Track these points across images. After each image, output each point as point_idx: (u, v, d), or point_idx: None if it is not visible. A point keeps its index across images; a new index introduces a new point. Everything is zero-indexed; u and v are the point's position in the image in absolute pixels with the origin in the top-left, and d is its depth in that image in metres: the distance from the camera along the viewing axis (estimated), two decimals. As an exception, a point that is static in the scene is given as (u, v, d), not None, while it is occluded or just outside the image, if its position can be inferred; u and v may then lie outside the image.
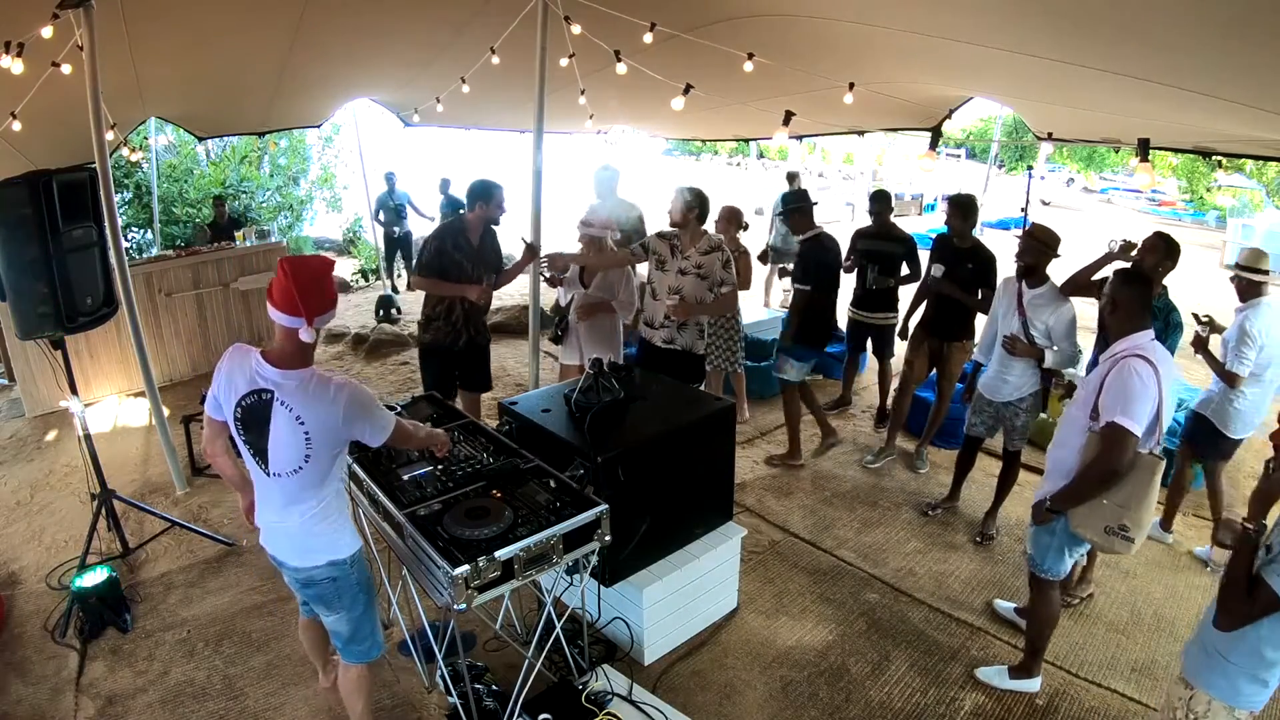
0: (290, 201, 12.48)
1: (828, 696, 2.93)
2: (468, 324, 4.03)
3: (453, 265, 3.89)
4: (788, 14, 3.87)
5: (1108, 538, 2.49)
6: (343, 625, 2.32)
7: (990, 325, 3.88)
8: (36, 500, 4.44)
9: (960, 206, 4.39)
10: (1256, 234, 13.97)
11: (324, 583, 2.24)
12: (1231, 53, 2.61)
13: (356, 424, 2.06)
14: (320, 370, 2.06)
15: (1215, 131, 3.85)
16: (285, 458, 2.05)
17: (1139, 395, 2.38)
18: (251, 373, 2.02)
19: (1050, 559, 2.74)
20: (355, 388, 2.06)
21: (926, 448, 4.86)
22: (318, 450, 2.05)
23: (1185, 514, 4.31)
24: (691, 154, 33.61)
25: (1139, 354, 2.44)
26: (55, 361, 3.54)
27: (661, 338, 4.15)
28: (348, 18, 4.61)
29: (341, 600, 2.27)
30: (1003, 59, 3.42)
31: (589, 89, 5.11)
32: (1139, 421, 2.38)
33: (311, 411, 2.00)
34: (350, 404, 2.02)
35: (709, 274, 4.04)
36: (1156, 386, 2.40)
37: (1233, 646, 1.92)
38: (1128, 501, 2.44)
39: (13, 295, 3.26)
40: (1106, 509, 2.47)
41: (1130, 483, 2.43)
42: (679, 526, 3.12)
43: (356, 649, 2.38)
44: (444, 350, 4.05)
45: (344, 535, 2.23)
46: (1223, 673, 1.95)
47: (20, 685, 2.97)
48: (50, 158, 4.84)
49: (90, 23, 3.56)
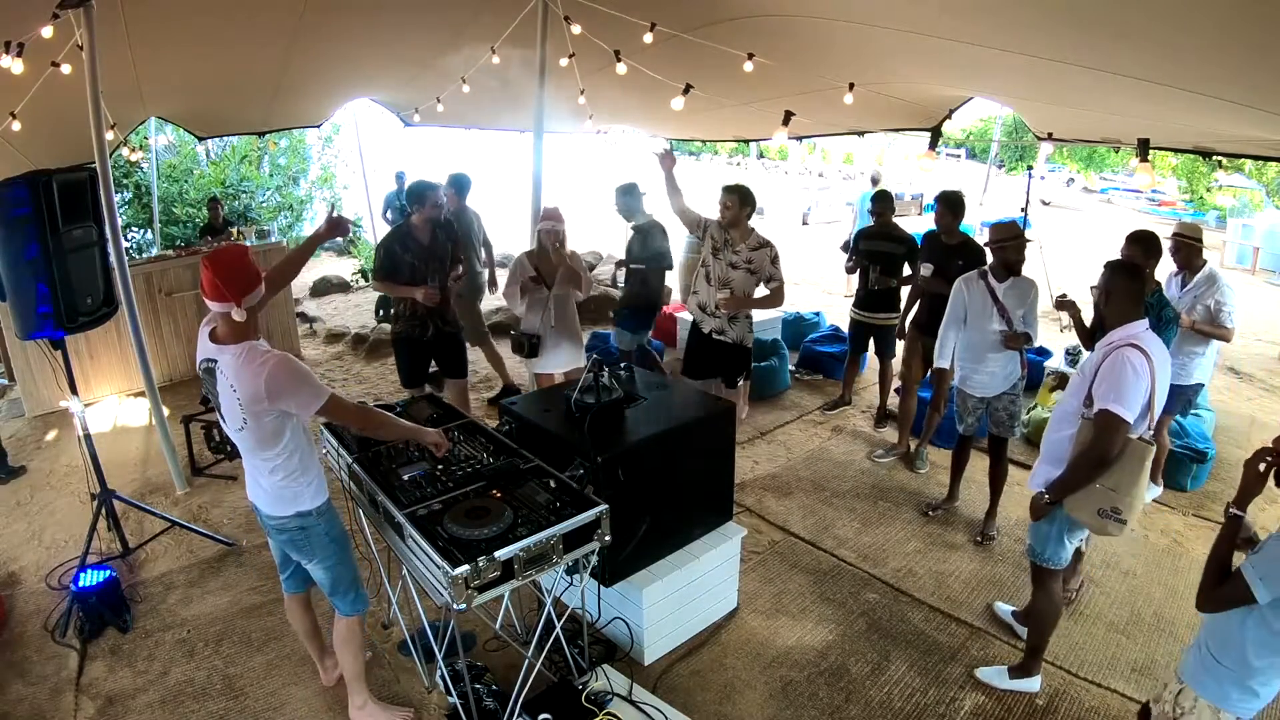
0: (290, 201, 12.47)
1: (828, 696, 2.93)
2: (431, 316, 4.27)
3: (403, 266, 4.15)
4: (788, 14, 3.88)
5: (1100, 520, 2.55)
6: (321, 574, 2.53)
7: (952, 327, 3.92)
8: (36, 500, 4.45)
9: (948, 203, 4.39)
10: (1256, 234, 13.96)
11: (294, 531, 2.44)
12: (1231, 53, 2.61)
13: (283, 395, 2.19)
14: (258, 345, 2.23)
15: (1215, 131, 3.85)
16: (229, 420, 2.30)
17: (1132, 384, 2.44)
18: (204, 346, 2.31)
19: (1051, 547, 2.76)
20: (282, 362, 2.19)
21: (926, 447, 4.86)
22: (250, 415, 2.22)
23: (1185, 514, 4.31)
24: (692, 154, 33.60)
25: (1133, 343, 2.50)
26: (55, 361, 3.54)
27: (712, 326, 4.27)
28: (348, 17, 4.61)
29: (313, 548, 2.47)
30: (1003, 59, 3.42)
31: (589, 89, 5.11)
32: (1131, 409, 2.44)
33: (241, 381, 2.20)
34: (272, 377, 2.16)
35: (759, 269, 4.14)
36: (1149, 375, 2.46)
37: (1222, 648, 1.95)
38: (1119, 485, 2.50)
39: (13, 295, 3.27)
40: (1099, 492, 2.53)
41: (1121, 467, 2.49)
42: (679, 526, 3.12)
43: (340, 601, 2.56)
44: (413, 340, 4.33)
45: (306, 491, 2.41)
46: (1213, 675, 1.97)
47: (20, 685, 2.97)
48: (50, 158, 4.85)
49: (90, 23, 3.57)
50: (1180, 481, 4.54)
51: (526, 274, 4.26)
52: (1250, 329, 8.73)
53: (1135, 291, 2.60)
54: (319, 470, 2.46)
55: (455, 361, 4.50)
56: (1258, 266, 13.52)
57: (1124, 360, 2.46)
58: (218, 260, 2.18)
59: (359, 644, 2.65)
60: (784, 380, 6.10)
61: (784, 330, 6.98)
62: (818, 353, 6.49)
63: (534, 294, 4.30)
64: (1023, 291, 3.70)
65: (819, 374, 6.42)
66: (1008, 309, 3.70)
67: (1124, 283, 2.60)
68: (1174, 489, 4.55)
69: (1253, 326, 8.93)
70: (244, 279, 2.18)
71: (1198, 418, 4.93)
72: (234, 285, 2.15)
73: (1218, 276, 4.10)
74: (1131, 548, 3.94)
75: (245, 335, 2.22)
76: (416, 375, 4.44)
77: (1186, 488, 4.54)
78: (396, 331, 4.39)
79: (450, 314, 4.38)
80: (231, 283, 2.15)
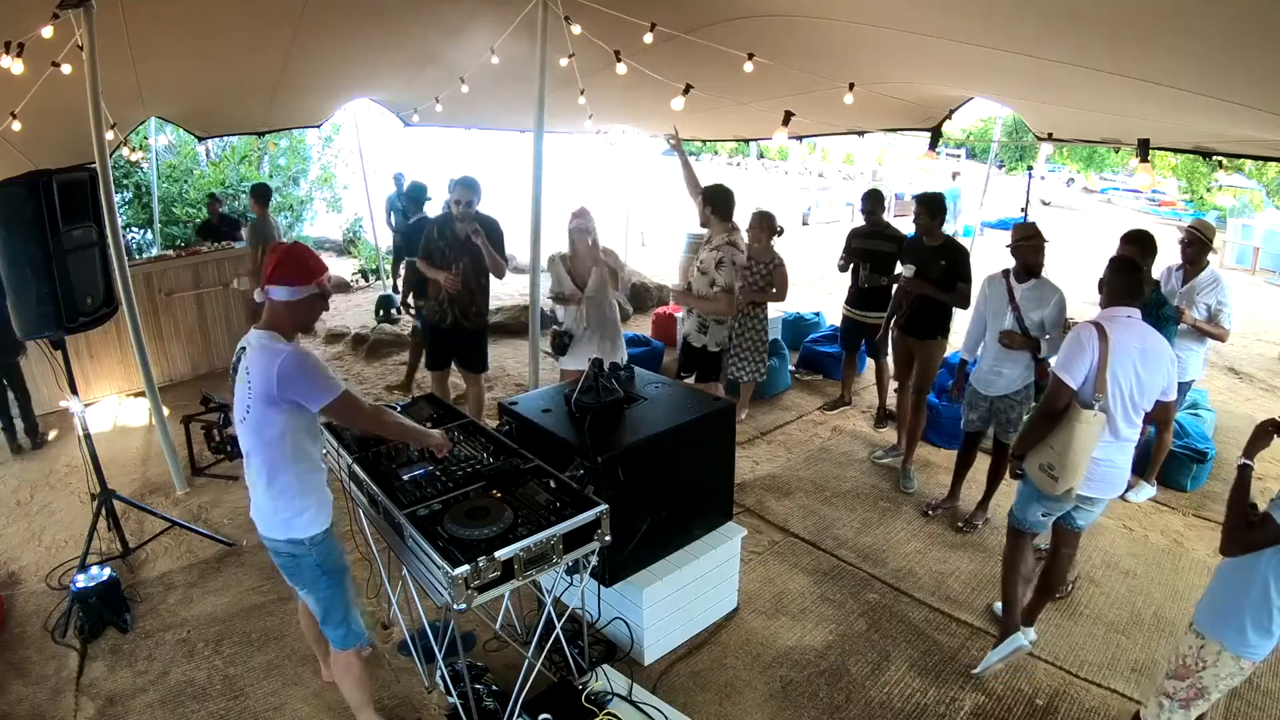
0: (290, 201, 12.47)
1: (828, 696, 2.93)
2: (452, 305, 4.44)
3: (436, 251, 4.41)
4: (788, 14, 3.87)
5: (1040, 474, 2.81)
6: (311, 603, 2.46)
7: (977, 322, 3.93)
8: (36, 500, 4.44)
9: (927, 205, 4.33)
10: (1256, 234, 13.97)
11: (284, 556, 2.37)
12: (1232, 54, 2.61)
13: (293, 385, 2.17)
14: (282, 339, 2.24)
15: (1215, 131, 3.85)
16: (237, 406, 2.28)
17: (1075, 353, 2.70)
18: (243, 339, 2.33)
19: (1020, 506, 3.01)
20: (299, 353, 2.21)
21: (912, 464, 4.62)
22: (256, 402, 2.20)
23: (1185, 514, 4.31)
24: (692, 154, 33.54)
25: (1096, 321, 2.75)
26: (55, 361, 3.54)
27: (690, 325, 4.29)
28: (348, 17, 4.61)
29: (300, 578, 2.40)
30: (1003, 59, 3.42)
31: (589, 89, 5.11)
32: (1073, 376, 2.69)
33: (256, 365, 2.19)
34: (285, 365, 2.15)
35: (707, 270, 4.11)
36: (1095, 349, 2.68)
37: (1244, 589, 2.07)
38: (1057, 444, 2.75)
39: (13, 295, 3.26)
40: (1045, 450, 2.79)
41: (1063, 428, 2.72)
42: (679, 526, 3.12)
43: (331, 632, 2.48)
44: (433, 327, 4.59)
45: (300, 518, 2.31)
46: (1232, 620, 2.10)
47: (20, 685, 2.97)
48: (50, 158, 4.84)
49: (90, 23, 3.56)
50: (1180, 481, 4.54)
51: (565, 284, 4.31)
52: (1250, 329, 8.74)
53: (1125, 285, 2.80)
54: (321, 496, 2.37)
55: (470, 355, 4.64)
56: (1258, 266, 13.53)
57: (1075, 332, 2.75)
58: (283, 246, 2.31)
59: (358, 676, 2.55)
60: (784, 380, 6.10)
61: (784, 330, 6.98)
62: (818, 353, 6.49)
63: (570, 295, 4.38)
64: (1043, 295, 3.62)
65: (819, 374, 6.42)
66: (1021, 309, 3.67)
67: (1114, 276, 2.82)
68: (1174, 489, 4.55)
69: (1253, 326, 8.93)
70: (289, 269, 2.23)
71: (1198, 418, 4.94)
72: (278, 269, 2.21)
73: (1220, 277, 4.13)
74: (1131, 548, 3.94)
75: (276, 325, 2.25)
76: (434, 358, 4.67)
77: (1186, 488, 4.54)
78: (423, 314, 4.71)
79: (471, 310, 4.48)
80: (277, 265, 2.21)
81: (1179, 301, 4.10)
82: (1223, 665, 2.14)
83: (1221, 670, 2.15)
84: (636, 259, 11.04)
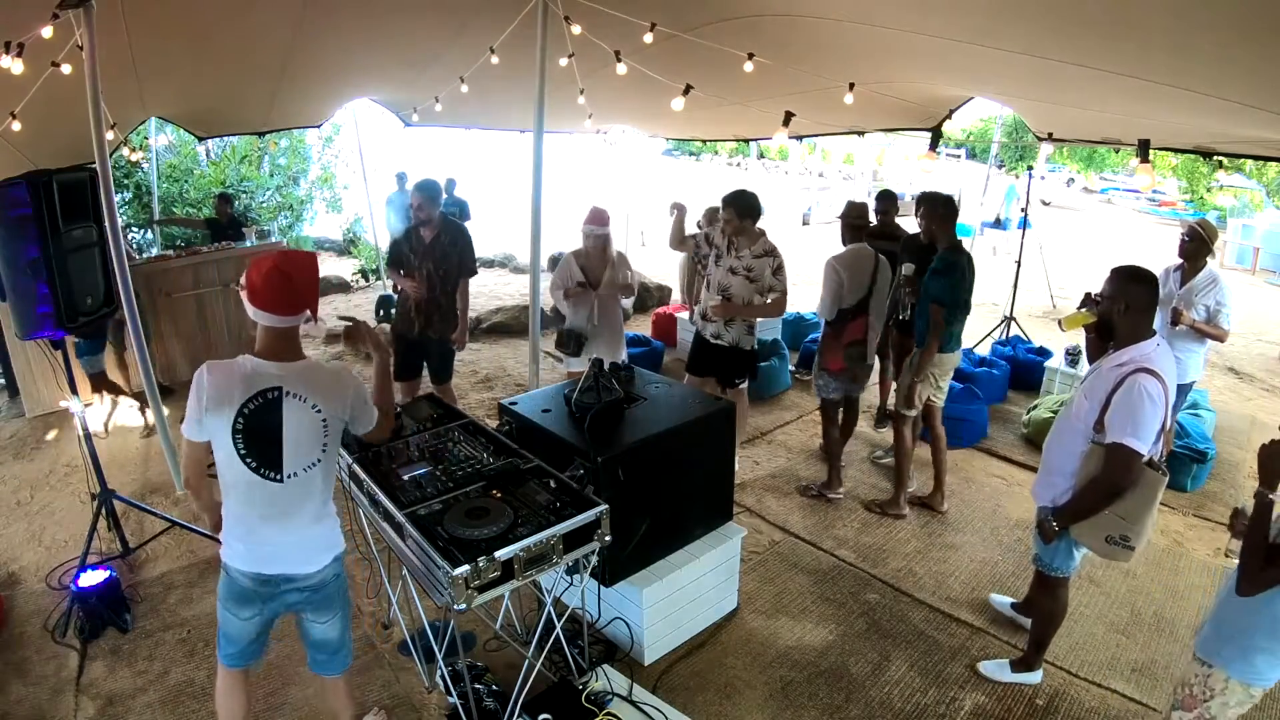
0: (290, 201, 12.45)
1: (828, 696, 2.93)
2: (419, 314, 4.41)
3: (404, 258, 4.42)
4: (788, 14, 3.87)
5: (1109, 547, 2.48)
6: (335, 629, 2.31)
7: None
8: (36, 500, 4.44)
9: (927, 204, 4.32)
10: (1256, 234, 13.95)
11: (332, 581, 2.23)
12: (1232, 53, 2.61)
13: (360, 410, 2.15)
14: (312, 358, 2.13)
15: (1215, 131, 3.85)
16: (303, 452, 2.05)
17: (1149, 415, 2.32)
18: (249, 377, 1.98)
19: (1060, 558, 2.72)
20: (357, 376, 2.18)
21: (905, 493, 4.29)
22: (333, 436, 2.11)
23: (1185, 514, 4.31)
24: (691, 154, 33.55)
25: (1147, 368, 2.34)
26: (55, 361, 3.54)
27: (710, 332, 4.26)
28: (348, 17, 4.61)
29: (334, 599, 2.27)
30: (1003, 59, 3.42)
31: (589, 89, 5.11)
32: (1146, 441, 2.34)
33: (324, 396, 2.06)
34: (358, 389, 2.14)
35: (758, 277, 4.08)
36: (1165, 404, 2.35)
37: (1253, 620, 1.97)
38: (1129, 513, 2.42)
39: (13, 295, 3.26)
40: (1108, 520, 2.45)
41: (1133, 496, 2.40)
42: (679, 526, 3.12)
43: (346, 655, 2.39)
44: (401, 336, 4.54)
45: (336, 530, 2.25)
46: (1241, 651, 2.01)
47: (20, 685, 2.97)
48: (50, 158, 4.84)
49: (90, 23, 3.56)
50: (1180, 482, 4.54)
51: (575, 278, 4.33)
52: (1250, 329, 8.73)
53: (1151, 299, 2.44)
54: None
55: (437, 366, 4.63)
56: (1258, 266, 13.52)
57: (1140, 390, 2.31)
58: (296, 264, 2.01)
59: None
60: (784, 380, 6.10)
61: (784, 330, 6.98)
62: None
63: (581, 294, 4.38)
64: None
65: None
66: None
67: (1140, 292, 2.41)
68: (1174, 489, 4.53)
69: (1253, 326, 8.92)
70: (317, 284, 2.08)
71: (1198, 418, 4.93)
72: (313, 290, 2.04)
73: (1218, 277, 4.14)
74: (1131, 548, 3.94)
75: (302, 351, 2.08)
76: (402, 368, 4.54)
77: (1187, 488, 4.54)
78: (394, 322, 4.62)
79: (436, 321, 4.43)
80: (312, 287, 2.03)
81: (1178, 303, 4.10)
82: (1231, 694, 2.05)
83: (1230, 699, 2.06)
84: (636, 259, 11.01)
